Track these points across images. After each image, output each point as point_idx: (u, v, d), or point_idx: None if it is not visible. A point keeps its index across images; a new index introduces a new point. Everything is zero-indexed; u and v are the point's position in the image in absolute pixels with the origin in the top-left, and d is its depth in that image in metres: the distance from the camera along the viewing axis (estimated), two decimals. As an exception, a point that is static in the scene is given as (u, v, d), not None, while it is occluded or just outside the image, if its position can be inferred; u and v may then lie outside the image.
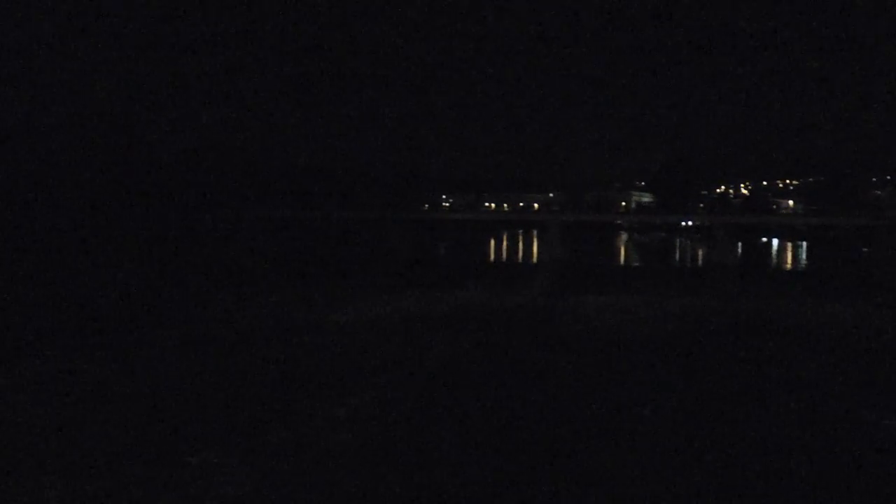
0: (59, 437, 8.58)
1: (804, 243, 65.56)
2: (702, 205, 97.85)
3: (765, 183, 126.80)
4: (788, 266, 46.48)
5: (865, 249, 46.28)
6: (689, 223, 75.00)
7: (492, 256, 52.23)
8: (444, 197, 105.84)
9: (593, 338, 15.82)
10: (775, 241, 69.32)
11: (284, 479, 7.52)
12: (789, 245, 65.06)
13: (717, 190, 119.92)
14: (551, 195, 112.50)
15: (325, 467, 7.84)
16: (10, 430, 8.81)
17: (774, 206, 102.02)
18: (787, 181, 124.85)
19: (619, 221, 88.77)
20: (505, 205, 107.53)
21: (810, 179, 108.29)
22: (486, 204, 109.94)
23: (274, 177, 40.70)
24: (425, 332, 16.30)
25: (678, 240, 74.15)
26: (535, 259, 48.25)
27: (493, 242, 68.29)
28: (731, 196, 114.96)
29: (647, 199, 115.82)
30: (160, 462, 7.81)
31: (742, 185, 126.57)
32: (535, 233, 78.03)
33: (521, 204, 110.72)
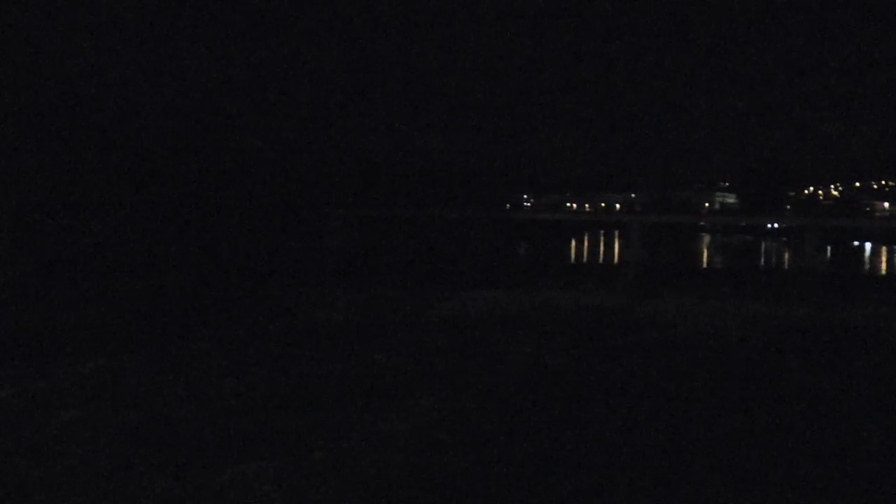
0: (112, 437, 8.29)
1: (900, 248, 62.29)
2: (789, 206, 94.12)
3: (858, 184, 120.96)
4: (883, 272, 44.17)
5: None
6: (776, 225, 72.31)
7: (573, 257, 51.61)
8: (525, 196, 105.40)
9: (678, 346, 15.38)
10: (868, 246, 66.08)
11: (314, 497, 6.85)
12: (884, 250, 61.84)
13: (806, 191, 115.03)
14: (633, 195, 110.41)
15: (357, 489, 7.09)
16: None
17: (868, 209, 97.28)
18: (883, 182, 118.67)
19: (702, 223, 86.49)
20: (587, 205, 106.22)
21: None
22: (568, 204, 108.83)
23: (359, 176, 41.28)
24: (503, 333, 16.14)
25: (763, 243, 71.58)
26: (616, 260, 47.44)
27: (574, 243, 67.44)
28: (821, 197, 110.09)
29: (731, 199, 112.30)
30: (191, 472, 7.30)
31: (832, 186, 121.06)
32: (616, 233, 76.80)
33: (603, 204, 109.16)
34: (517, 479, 7.52)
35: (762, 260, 52.65)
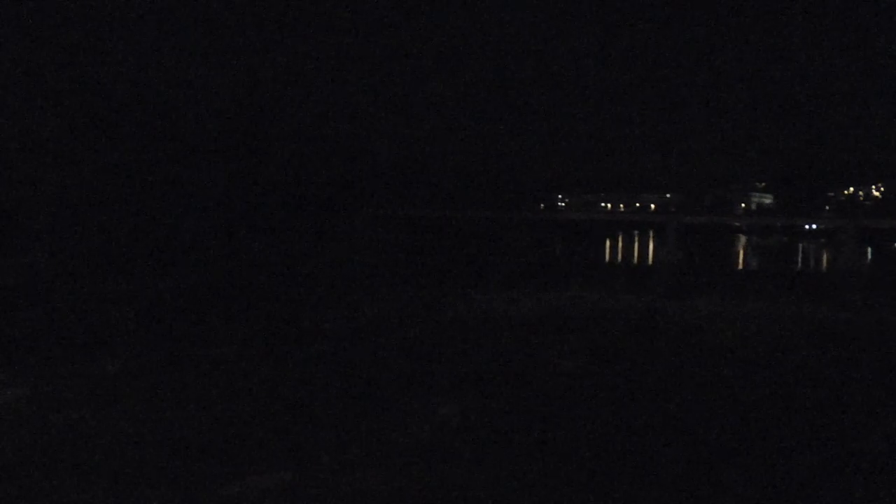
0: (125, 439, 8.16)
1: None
2: (828, 207, 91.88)
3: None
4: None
5: None
6: (814, 226, 70.69)
7: (607, 257, 51.01)
8: (560, 196, 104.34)
9: (709, 351, 14.90)
10: (909, 247, 64.33)
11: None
12: (925, 251, 60.11)
13: (846, 191, 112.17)
14: (668, 195, 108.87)
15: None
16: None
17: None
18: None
19: (737, 224, 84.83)
20: (621, 205, 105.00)
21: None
22: (603, 204, 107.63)
23: (393, 177, 41.22)
24: (533, 335, 15.79)
25: (801, 244, 69.91)
26: (650, 261, 46.78)
27: (608, 243, 66.67)
28: (861, 198, 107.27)
29: (767, 200, 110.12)
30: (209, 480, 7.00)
31: (874, 187, 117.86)
32: (651, 234, 75.70)
33: (638, 204, 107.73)
34: (534, 499, 6.84)
35: (800, 262, 51.47)
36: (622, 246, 65.28)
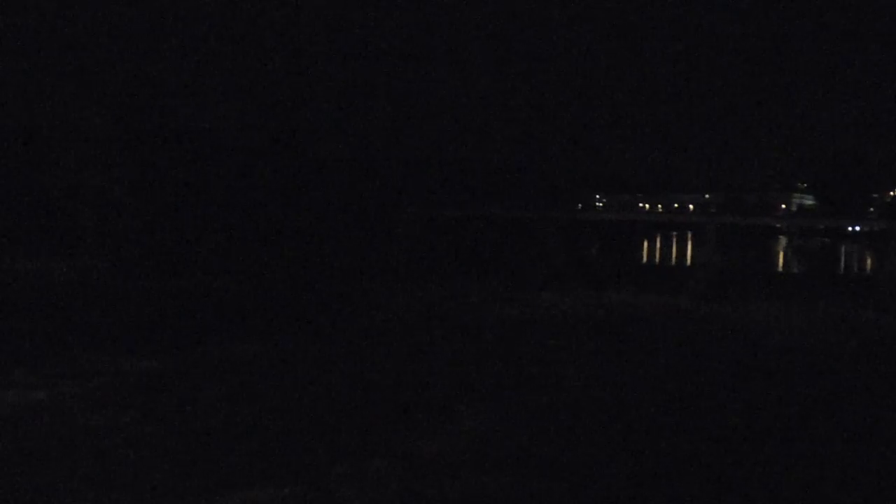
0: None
1: None
2: (872, 209, 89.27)
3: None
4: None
5: None
6: (857, 228, 68.69)
7: (644, 258, 50.18)
8: (597, 197, 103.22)
9: (748, 355, 14.35)
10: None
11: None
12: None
13: (891, 192, 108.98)
14: (707, 196, 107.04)
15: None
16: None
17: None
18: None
19: (778, 225, 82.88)
20: (659, 206, 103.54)
21: None
22: (640, 204, 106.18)
23: (430, 175, 41.04)
24: (565, 339, 15.35)
25: (844, 246, 67.95)
26: (688, 262, 45.87)
27: (645, 244, 65.63)
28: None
29: (809, 201, 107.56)
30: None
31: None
32: (689, 235, 74.36)
33: (676, 205, 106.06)
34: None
35: (842, 264, 50.00)
36: (660, 247, 64.20)
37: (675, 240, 76.20)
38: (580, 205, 73.38)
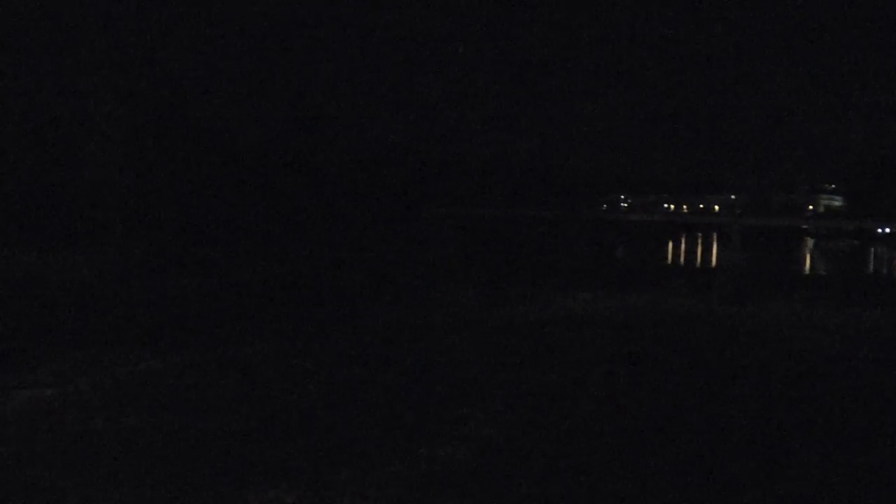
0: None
1: None
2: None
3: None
4: None
5: None
6: (887, 230, 67.17)
7: (669, 259, 49.49)
8: (622, 197, 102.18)
9: (775, 360, 13.90)
10: None
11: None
12: None
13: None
14: (733, 197, 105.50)
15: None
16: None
17: None
18: None
19: (804, 226, 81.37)
20: (684, 206, 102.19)
21: None
22: (665, 205, 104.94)
23: (457, 175, 40.83)
24: (587, 342, 14.98)
25: (872, 248, 66.42)
26: (713, 264, 45.15)
27: (670, 245, 64.72)
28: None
29: (837, 202, 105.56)
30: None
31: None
32: (714, 236, 73.21)
33: (701, 206, 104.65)
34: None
35: (871, 266, 48.83)
36: (685, 248, 63.28)
37: (700, 241, 75.10)
38: (605, 205, 72.63)
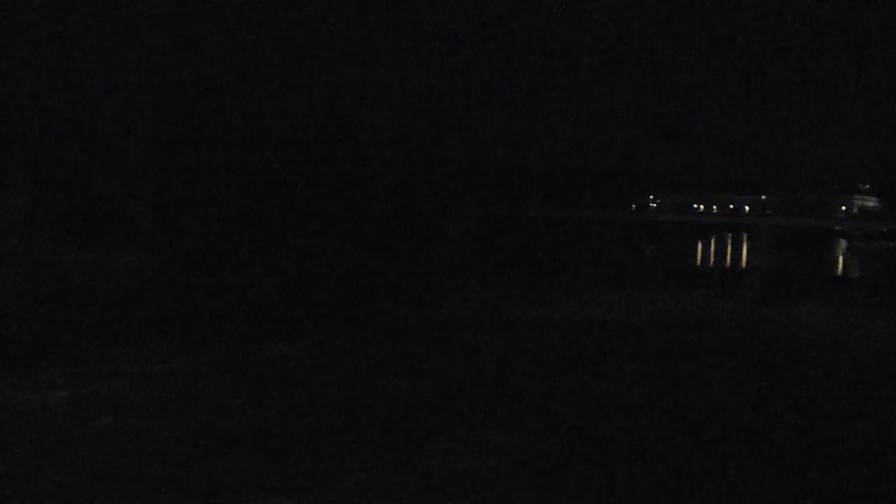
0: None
1: None
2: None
3: None
4: None
5: None
6: (922, 231, 65.08)
7: (698, 260, 48.65)
8: (651, 197, 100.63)
9: (805, 363, 13.35)
10: None
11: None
12: None
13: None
14: (763, 197, 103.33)
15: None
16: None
17: None
18: None
19: (837, 227, 79.27)
20: (714, 206, 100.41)
21: None
22: (695, 205, 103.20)
23: (484, 175, 40.45)
24: (612, 345, 14.56)
25: (908, 249, 64.51)
26: (744, 264, 44.19)
27: (700, 245, 63.67)
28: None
29: (871, 203, 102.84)
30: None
31: None
32: (745, 237, 71.66)
33: (732, 206, 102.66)
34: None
35: (905, 268, 47.43)
36: (714, 249, 62.22)
37: (729, 241, 73.73)
38: (634, 205, 71.60)
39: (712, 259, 50.92)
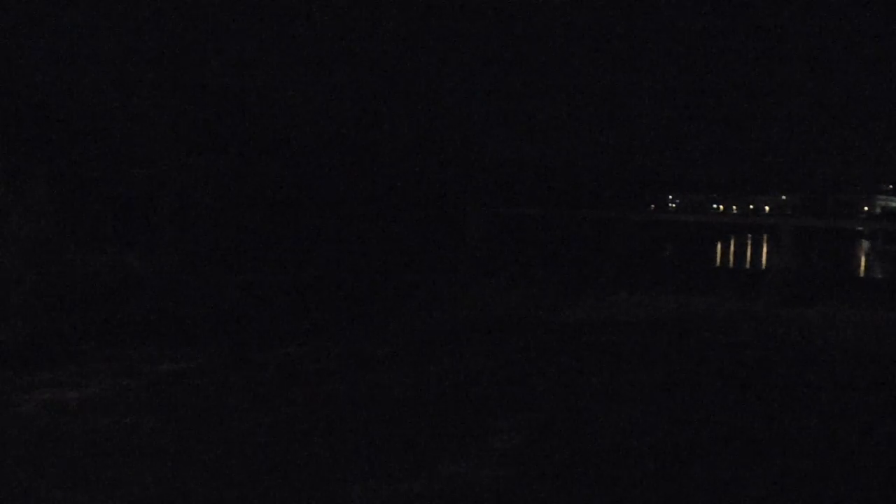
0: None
1: None
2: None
3: None
4: None
5: None
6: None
7: (717, 260, 48.11)
8: (670, 197, 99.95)
9: (824, 365, 12.94)
10: None
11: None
12: None
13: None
14: (784, 197, 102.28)
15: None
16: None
17: None
18: None
19: (860, 228, 78.11)
20: (734, 206, 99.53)
21: None
22: (714, 205, 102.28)
23: (502, 173, 40.21)
24: (627, 346, 14.21)
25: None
26: (763, 265, 43.63)
27: (719, 246, 62.94)
28: None
29: (894, 203, 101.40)
30: None
31: None
32: (765, 237, 70.83)
33: (752, 206, 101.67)
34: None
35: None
36: (734, 249, 61.43)
37: (749, 242, 72.85)
38: (653, 205, 71.05)
39: (732, 259, 50.32)
